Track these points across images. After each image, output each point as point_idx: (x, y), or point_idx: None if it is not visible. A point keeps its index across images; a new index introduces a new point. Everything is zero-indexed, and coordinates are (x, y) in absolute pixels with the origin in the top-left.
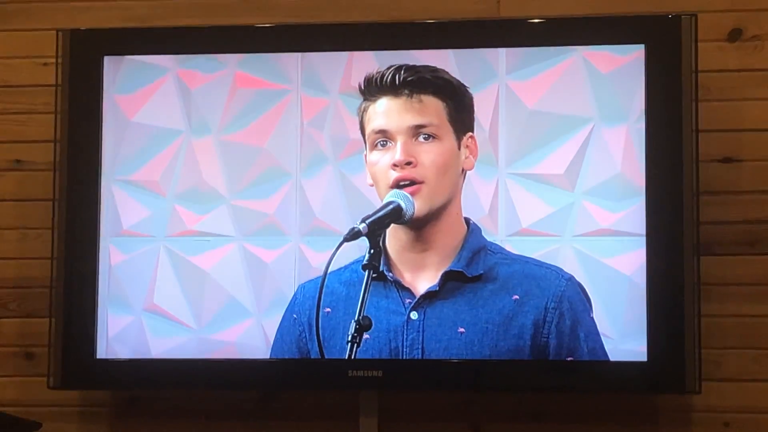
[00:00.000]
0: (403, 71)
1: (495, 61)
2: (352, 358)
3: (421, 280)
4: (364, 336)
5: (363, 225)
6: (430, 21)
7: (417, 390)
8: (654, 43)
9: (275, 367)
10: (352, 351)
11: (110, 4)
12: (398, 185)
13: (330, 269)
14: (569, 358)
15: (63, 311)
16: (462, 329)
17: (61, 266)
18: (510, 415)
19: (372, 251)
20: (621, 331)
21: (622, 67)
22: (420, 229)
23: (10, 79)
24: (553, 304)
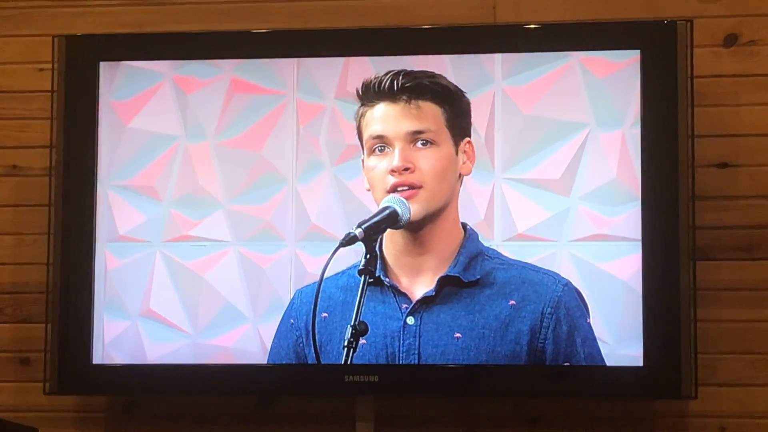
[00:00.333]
0: (401, 77)
1: (491, 66)
2: (349, 363)
3: (417, 285)
4: (361, 341)
5: (359, 230)
6: (427, 27)
7: (413, 395)
8: (650, 48)
9: (272, 372)
10: (348, 356)
11: (106, 10)
12: (396, 190)
13: (327, 274)
14: (566, 364)
15: (59, 316)
16: (458, 334)
17: (57, 271)
18: (506, 420)
19: (368, 256)
20: (617, 336)
21: (617, 72)
22: (417, 233)
23: (6, 85)
24: (550, 309)
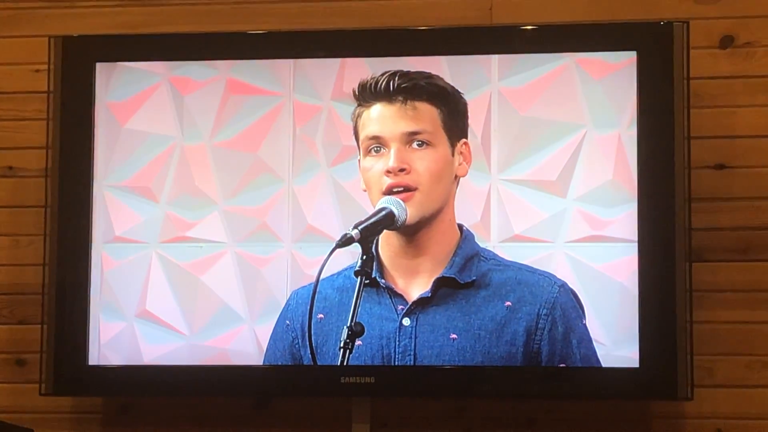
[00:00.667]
0: (398, 78)
1: (487, 67)
2: (345, 364)
3: (413, 286)
4: (357, 342)
5: (355, 231)
6: (423, 28)
7: (409, 396)
8: (646, 49)
9: (268, 373)
10: (344, 357)
11: (102, 11)
12: (391, 191)
13: (323, 275)
14: (562, 365)
15: (55, 318)
16: (454, 336)
17: (54, 273)
18: (502, 421)
19: (364, 257)
20: (613, 337)
21: (614, 73)
22: (413, 235)
23: (2, 86)
24: (546, 310)
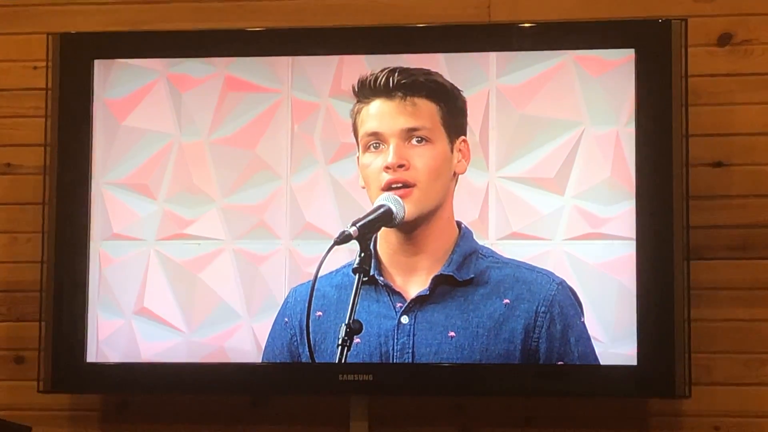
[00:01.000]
0: (397, 74)
1: (485, 65)
2: (343, 361)
3: (412, 284)
4: (355, 340)
5: (353, 228)
6: (422, 25)
7: (407, 394)
8: (644, 47)
9: (266, 371)
10: (342, 355)
11: (100, 8)
12: (390, 188)
13: (321, 273)
14: (560, 363)
15: (53, 315)
16: (452, 333)
17: (52, 270)
18: (500, 419)
19: (362, 255)
20: (611, 335)
21: (612, 71)
22: (411, 232)
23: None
24: (544, 308)
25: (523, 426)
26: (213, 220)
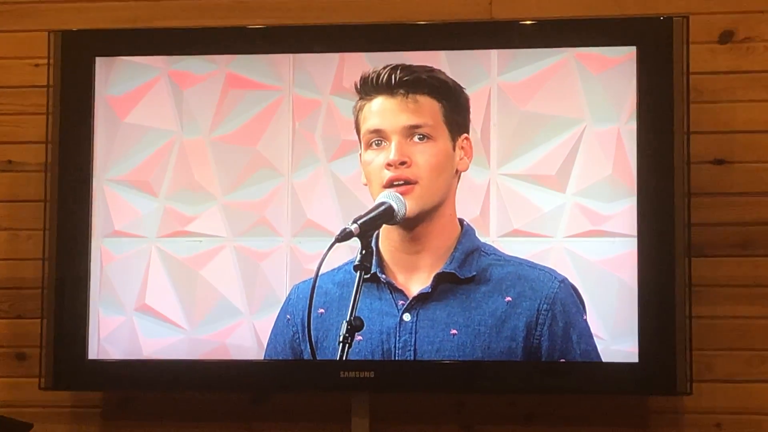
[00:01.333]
0: (399, 71)
1: (487, 62)
2: (344, 359)
3: (414, 281)
4: (357, 337)
5: (355, 225)
6: (423, 23)
7: (409, 391)
8: (646, 44)
9: (267, 368)
10: (343, 352)
11: (102, 5)
12: (392, 185)
13: (323, 270)
14: (561, 360)
15: (54, 312)
16: (454, 331)
17: (53, 267)
18: (501, 416)
19: (364, 252)
20: (612, 332)
21: (613, 68)
22: (413, 230)
23: (1, 80)
24: (546, 306)
25: (524, 423)
26: (214, 217)
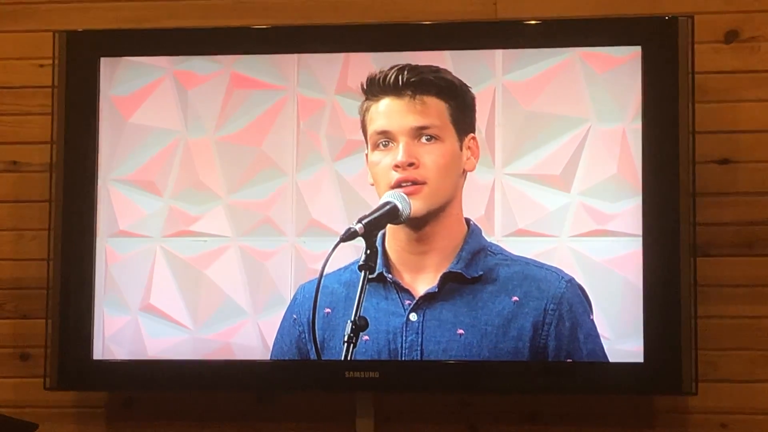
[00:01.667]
0: (406, 72)
1: (491, 62)
2: (349, 358)
3: (420, 281)
4: (364, 337)
5: (359, 225)
6: (427, 22)
7: (413, 391)
8: (651, 44)
9: (272, 368)
10: (348, 352)
11: (106, 6)
12: (400, 186)
13: (330, 270)
14: (568, 360)
15: (59, 312)
16: (461, 331)
17: (58, 267)
18: (506, 416)
19: (368, 251)
20: (617, 332)
21: (618, 68)
22: (420, 229)
23: (6, 81)
24: (553, 305)
25: (529, 423)
26: (219, 217)
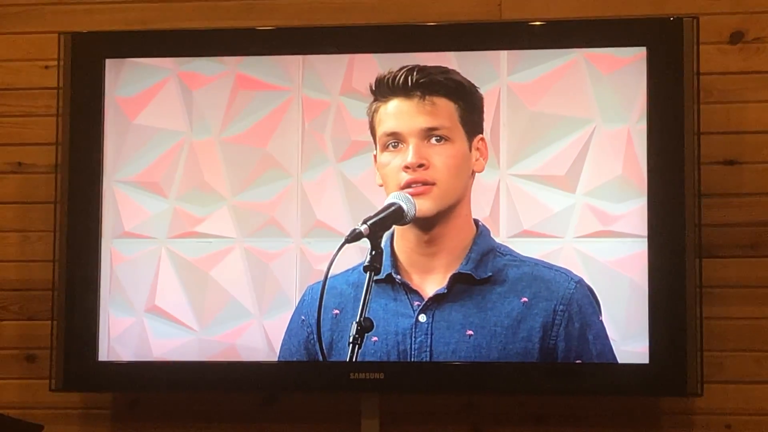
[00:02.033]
0: (416, 73)
1: (496, 63)
2: (354, 360)
3: (429, 282)
4: (373, 338)
5: (364, 226)
6: (432, 24)
7: (419, 392)
8: (656, 45)
9: (277, 369)
10: (353, 353)
11: (111, 7)
12: (409, 187)
13: (338, 271)
14: (578, 361)
15: (65, 313)
16: (470, 332)
17: (63, 268)
18: (511, 417)
19: (373, 253)
20: (623, 333)
21: (623, 68)
22: (429, 231)
23: (11, 82)
24: (562, 306)
25: (535, 424)
26: (224, 218)
